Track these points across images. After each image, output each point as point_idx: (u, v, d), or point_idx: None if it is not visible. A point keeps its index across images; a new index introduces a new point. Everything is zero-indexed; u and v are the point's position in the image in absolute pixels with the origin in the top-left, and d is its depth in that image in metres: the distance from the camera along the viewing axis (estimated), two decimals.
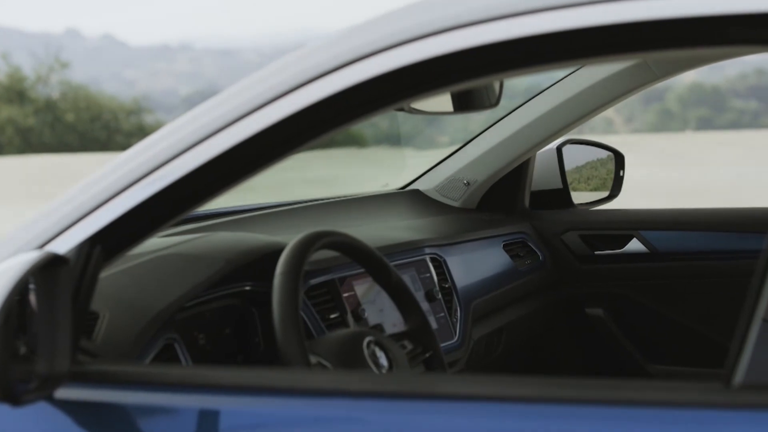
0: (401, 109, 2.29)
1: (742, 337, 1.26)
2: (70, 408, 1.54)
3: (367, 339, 2.05)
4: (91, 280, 1.57)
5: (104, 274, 1.64)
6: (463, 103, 2.37)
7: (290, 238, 2.09)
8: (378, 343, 2.07)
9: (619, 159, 3.60)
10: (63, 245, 1.60)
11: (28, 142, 37.80)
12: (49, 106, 39.93)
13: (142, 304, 1.84)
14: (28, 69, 41.29)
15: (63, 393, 1.54)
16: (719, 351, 3.20)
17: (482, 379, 1.45)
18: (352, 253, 2.24)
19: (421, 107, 2.36)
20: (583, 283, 3.42)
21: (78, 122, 39.91)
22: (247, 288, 2.23)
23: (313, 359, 1.94)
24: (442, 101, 2.36)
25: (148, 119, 40.56)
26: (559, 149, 3.48)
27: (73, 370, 1.54)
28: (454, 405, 1.39)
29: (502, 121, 3.35)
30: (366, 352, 2.02)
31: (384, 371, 2.02)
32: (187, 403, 1.51)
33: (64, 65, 42.85)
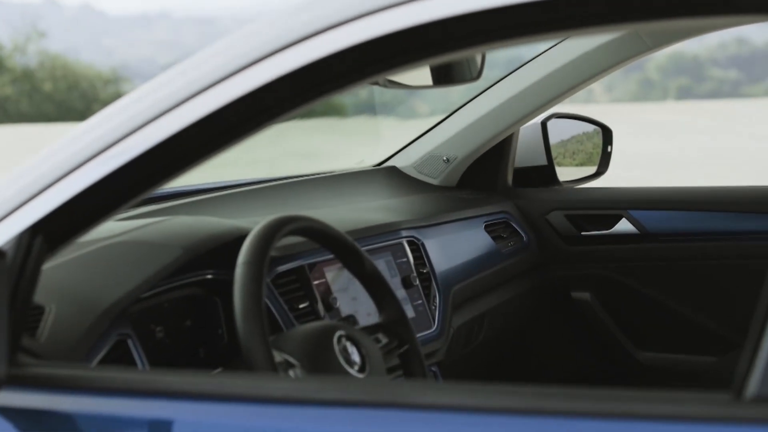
0: (377, 83, 2.14)
1: (754, 346, 1.15)
2: (10, 415, 1.44)
3: (337, 333, 1.94)
4: (32, 274, 1.46)
5: (50, 264, 1.56)
6: (443, 77, 2.25)
7: (256, 221, 1.99)
8: (350, 338, 1.96)
9: (606, 134, 3.51)
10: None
11: (5, 112, 37.69)
12: (27, 76, 39.90)
13: (91, 297, 1.74)
14: (6, 38, 41.14)
15: (1, 398, 1.44)
16: (712, 338, 3.19)
17: (466, 388, 1.31)
18: (322, 240, 2.12)
19: (399, 81, 2.24)
20: (569, 265, 3.32)
21: (56, 92, 39.89)
22: (209, 276, 2.12)
23: (279, 357, 1.83)
24: (421, 74, 2.24)
25: (126, 88, 40.61)
26: (544, 124, 3.37)
27: (13, 373, 1.43)
28: (433, 416, 1.28)
29: (484, 94, 3.24)
30: (336, 347, 1.91)
31: (356, 368, 1.91)
32: (137, 410, 1.41)
33: (42, 34, 42.73)
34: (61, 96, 39.82)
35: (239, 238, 1.94)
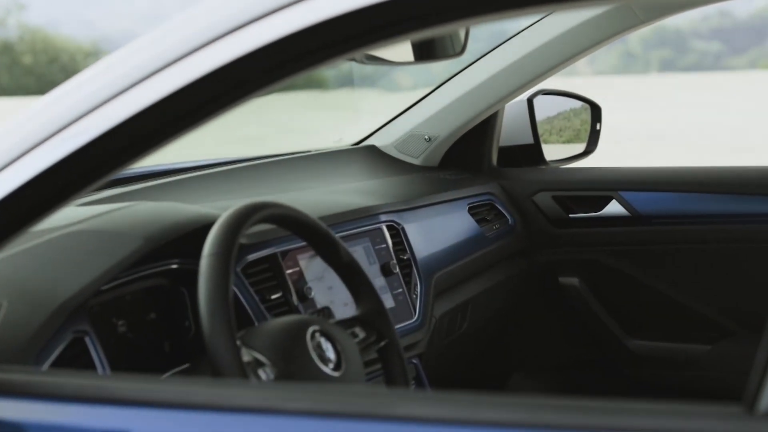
0: (354, 60, 2.01)
1: (767, 357, 1.09)
2: None
3: (311, 329, 1.83)
4: None
5: (0, 255, 1.50)
6: (425, 52, 2.14)
7: (226, 205, 1.92)
8: (324, 333, 1.85)
9: (595, 111, 3.42)
10: None
11: None
12: (6, 49, 39.73)
13: (45, 292, 1.65)
14: None
15: None
16: (706, 325, 3.08)
17: (451, 399, 1.24)
18: (294, 228, 2.02)
19: (379, 56, 2.08)
20: (557, 249, 3.23)
21: (36, 65, 39.82)
22: (174, 266, 2.01)
23: (248, 355, 1.73)
24: (402, 50, 2.12)
25: None
26: (530, 101, 3.28)
27: None
28: (413, 430, 1.21)
29: (467, 69, 3.14)
30: (310, 344, 1.80)
31: (331, 366, 1.81)
32: (91, 419, 1.33)
33: (22, 7, 42.54)
34: (41, 69, 39.73)
35: (205, 227, 1.85)
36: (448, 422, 1.18)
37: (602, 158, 3.39)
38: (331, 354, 1.83)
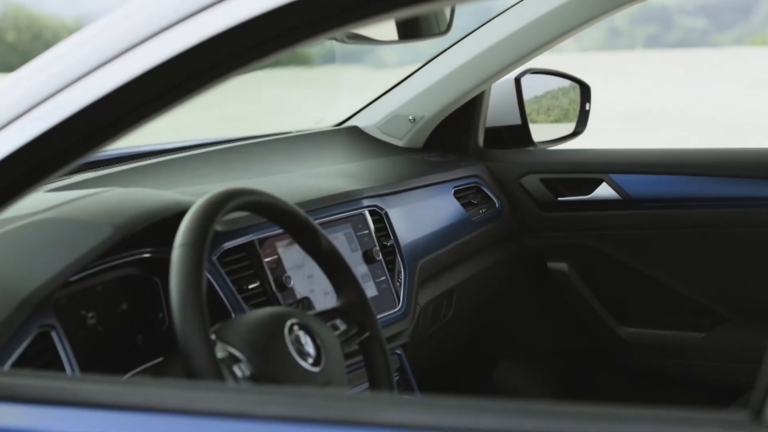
0: (334, 39, 2.01)
1: None
2: None
3: (289, 322, 1.77)
4: None
5: None
6: (410, 31, 2.13)
7: (202, 191, 1.85)
8: (303, 326, 1.79)
9: (585, 91, 3.37)
10: None
11: None
12: None
13: (8, 284, 1.59)
14: None
15: None
16: (699, 312, 3.00)
17: (438, 404, 1.16)
18: (272, 216, 1.96)
19: (362, 35, 2.09)
20: (545, 233, 3.18)
21: (19, 42, 39.63)
22: (147, 255, 1.96)
23: (223, 351, 1.66)
24: (386, 29, 2.11)
25: None
26: (517, 80, 3.21)
27: None
28: None
29: (453, 48, 3.07)
30: (288, 338, 1.74)
31: (310, 360, 1.74)
32: (55, 423, 1.27)
33: None
34: (24, 46, 39.57)
35: (178, 214, 1.79)
36: (432, 429, 1.13)
37: (589, 135, 3.36)
38: (310, 348, 1.77)
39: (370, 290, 2.41)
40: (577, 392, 3.25)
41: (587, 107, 3.33)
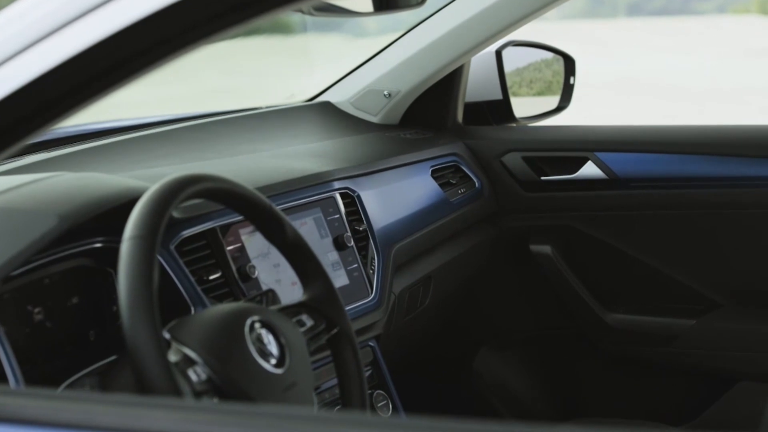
0: (300, 11, 1.94)
1: None
2: None
3: (250, 319, 1.67)
4: None
5: None
6: (385, 2, 2.04)
7: (161, 173, 1.79)
8: (265, 324, 1.69)
9: (569, 64, 3.28)
10: None
11: None
12: None
13: None
14: None
15: None
16: (690, 297, 2.89)
17: (418, 425, 1.12)
18: (232, 203, 1.85)
19: (333, 6, 2.00)
20: (528, 214, 3.10)
21: None
22: (98, 245, 1.86)
23: (177, 353, 1.56)
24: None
25: None
26: (498, 53, 3.12)
27: None
28: None
29: (430, 19, 2.98)
30: (249, 337, 1.64)
31: (273, 362, 1.65)
32: None
33: None
34: None
35: (133, 200, 1.68)
36: None
37: (572, 105, 3.31)
38: (273, 348, 1.67)
39: (341, 279, 2.32)
40: (560, 381, 3.19)
41: (571, 81, 3.27)
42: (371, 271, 2.44)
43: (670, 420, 2.85)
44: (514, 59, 3.20)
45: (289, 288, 2.14)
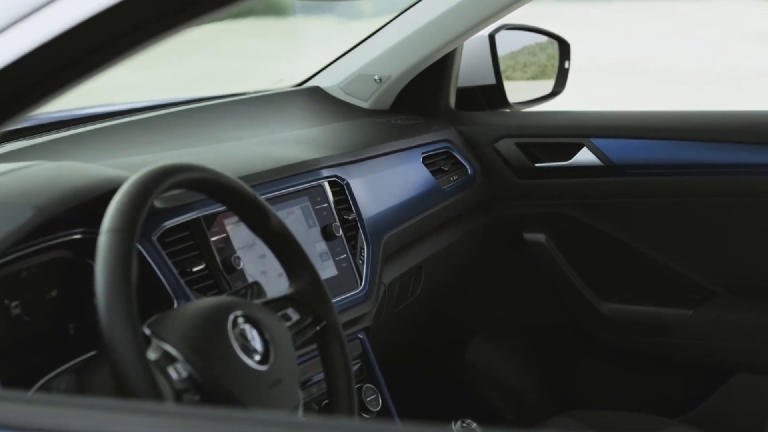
0: None
1: None
2: None
3: (233, 314, 1.62)
4: None
5: None
6: None
7: (143, 161, 1.73)
8: (249, 319, 1.64)
9: (564, 48, 3.24)
10: None
11: None
12: None
13: None
14: None
15: None
16: (688, 287, 2.84)
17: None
18: (215, 193, 1.80)
19: None
20: (521, 201, 3.06)
21: None
22: (78, 236, 1.81)
23: (157, 350, 1.51)
24: None
25: None
26: (491, 37, 3.08)
27: None
28: None
29: (422, 2, 2.94)
30: (232, 333, 1.59)
31: (257, 358, 1.60)
32: None
33: None
34: None
35: (113, 190, 1.63)
36: None
37: (567, 89, 3.27)
38: (257, 344, 1.62)
39: (330, 270, 2.27)
40: (554, 372, 3.16)
41: (566, 65, 3.22)
42: (360, 262, 2.39)
43: (667, 412, 2.81)
44: (507, 43, 3.16)
45: (275, 280, 2.10)
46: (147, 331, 1.52)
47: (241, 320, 1.61)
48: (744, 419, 2.79)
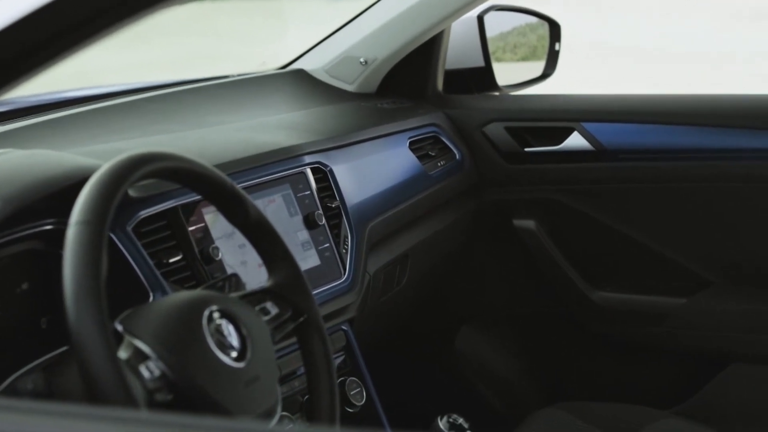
0: None
1: None
2: None
3: (208, 309, 1.56)
4: None
5: None
6: None
7: (117, 148, 1.77)
8: (225, 314, 1.58)
9: (554, 29, 3.19)
10: None
11: None
12: None
13: None
14: None
15: None
16: (681, 275, 2.79)
17: None
18: (190, 183, 1.74)
19: None
20: (511, 187, 3.01)
21: None
22: (49, 227, 1.76)
23: (128, 348, 1.46)
24: None
25: None
26: (480, 18, 3.03)
27: None
28: None
29: None
30: (207, 329, 1.54)
31: (233, 355, 1.54)
32: None
33: None
34: None
35: (82, 180, 1.57)
36: None
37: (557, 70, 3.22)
38: (233, 340, 1.57)
39: (312, 260, 2.21)
40: (545, 362, 3.12)
41: (557, 47, 3.17)
42: (344, 251, 2.34)
43: (659, 403, 2.76)
44: (497, 24, 3.12)
45: (255, 270, 2.04)
46: (119, 327, 1.47)
47: (216, 315, 1.56)
48: (738, 411, 2.76)
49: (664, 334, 2.87)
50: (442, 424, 2.25)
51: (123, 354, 1.43)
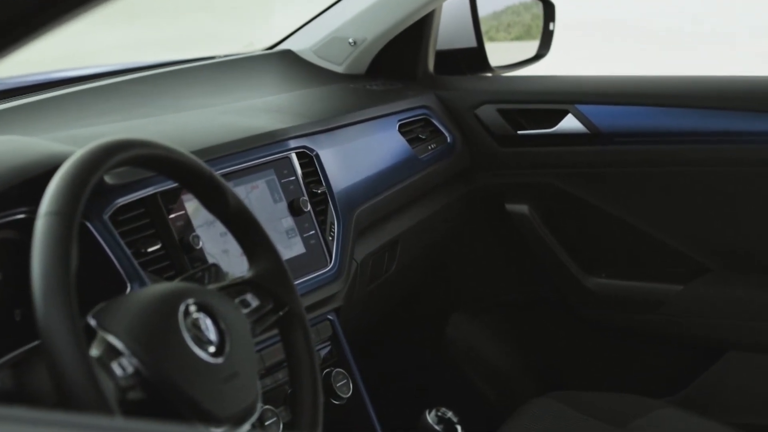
0: None
1: None
2: None
3: (184, 302, 1.50)
4: None
5: None
6: None
7: (93, 133, 1.70)
8: (202, 307, 1.53)
9: (548, 9, 3.14)
10: None
11: None
12: None
13: None
14: None
15: None
16: (677, 260, 2.73)
17: None
18: (167, 171, 1.68)
19: None
20: (503, 171, 2.97)
21: None
22: (22, 216, 1.69)
23: (101, 344, 1.40)
24: None
25: None
26: None
27: None
28: None
29: None
30: (183, 323, 1.48)
31: (211, 350, 1.49)
32: None
33: None
34: None
35: (55, 167, 1.53)
36: None
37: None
38: (211, 334, 1.52)
39: (297, 247, 2.14)
40: (538, 349, 3.08)
41: (551, 27, 3.12)
42: (330, 238, 2.27)
43: (655, 391, 2.72)
44: (490, 3, 3.09)
45: (237, 259, 1.98)
46: (92, 322, 1.41)
47: (193, 308, 1.51)
48: (735, 400, 2.72)
49: (660, 321, 2.83)
50: (430, 417, 2.20)
51: (95, 351, 1.38)
